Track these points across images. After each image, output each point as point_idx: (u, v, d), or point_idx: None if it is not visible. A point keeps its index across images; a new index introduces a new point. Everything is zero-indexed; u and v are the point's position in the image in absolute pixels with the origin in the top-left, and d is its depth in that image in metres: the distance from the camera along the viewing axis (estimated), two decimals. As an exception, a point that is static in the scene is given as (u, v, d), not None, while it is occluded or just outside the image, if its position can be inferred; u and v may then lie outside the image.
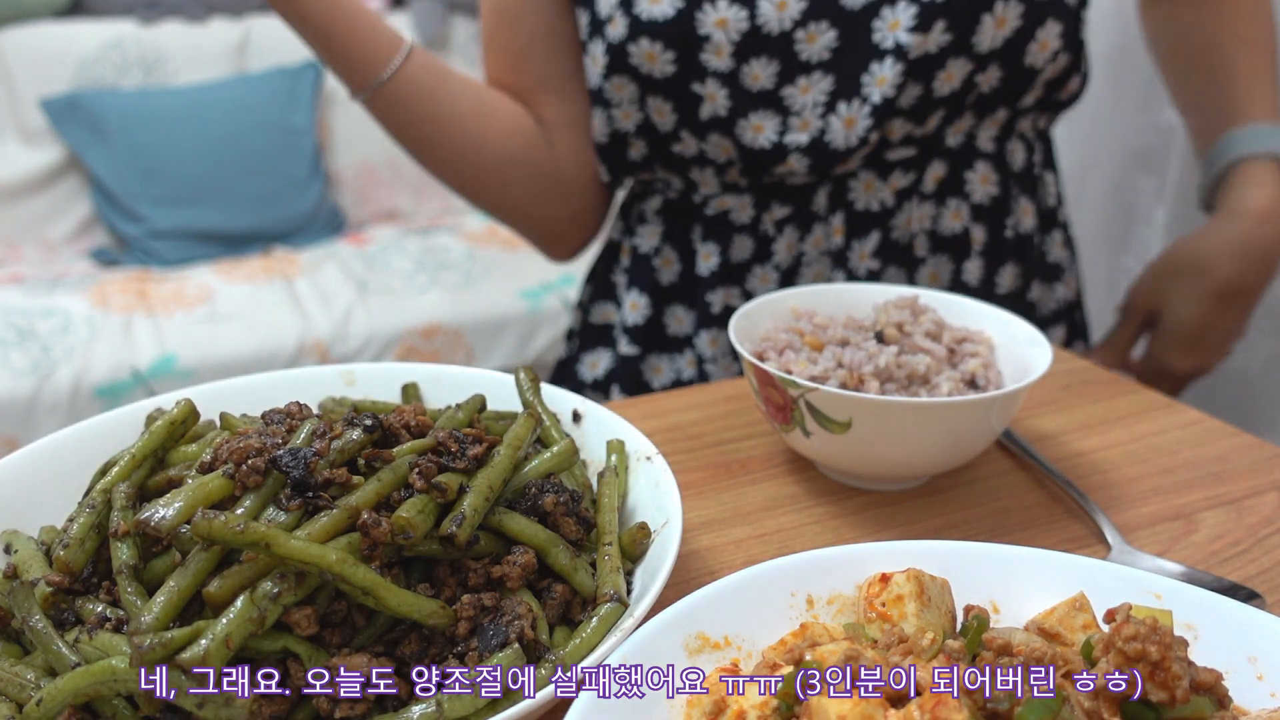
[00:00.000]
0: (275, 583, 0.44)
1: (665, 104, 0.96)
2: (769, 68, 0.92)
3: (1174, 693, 0.39)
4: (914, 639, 0.45)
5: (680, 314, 1.08)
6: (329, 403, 0.65)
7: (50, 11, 2.69)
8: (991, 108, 0.97)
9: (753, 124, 0.94)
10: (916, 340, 0.70)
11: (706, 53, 0.92)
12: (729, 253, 1.03)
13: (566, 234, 1.11)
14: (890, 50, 0.90)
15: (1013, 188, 1.03)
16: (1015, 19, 0.90)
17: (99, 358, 2.08)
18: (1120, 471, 0.72)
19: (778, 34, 0.91)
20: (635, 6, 0.92)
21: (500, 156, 1.01)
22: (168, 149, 2.57)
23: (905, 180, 0.99)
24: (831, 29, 0.90)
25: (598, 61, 0.97)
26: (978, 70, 0.92)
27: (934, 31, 0.88)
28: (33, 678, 0.46)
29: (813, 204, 0.99)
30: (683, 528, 0.53)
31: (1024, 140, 1.03)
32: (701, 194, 1.03)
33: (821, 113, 0.93)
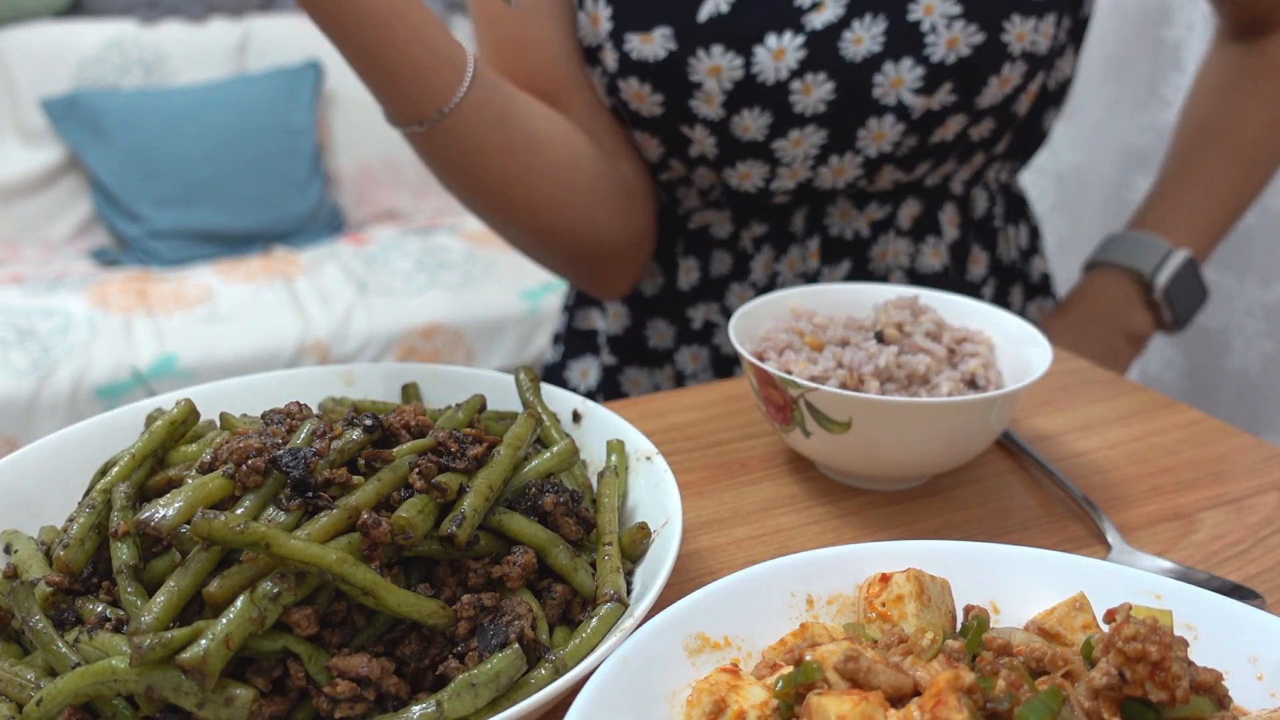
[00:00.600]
0: (275, 583, 0.44)
1: (652, 139, 0.94)
2: (761, 119, 0.89)
3: (1174, 693, 0.39)
4: (914, 639, 0.45)
5: (661, 327, 1.06)
6: (329, 403, 0.65)
7: (50, 11, 2.69)
8: (972, 154, 0.96)
9: (740, 171, 0.93)
10: (916, 340, 0.70)
11: (697, 99, 0.89)
12: (709, 268, 1.02)
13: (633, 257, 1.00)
14: (891, 107, 0.88)
15: (970, 234, 1.02)
16: (1018, 78, 0.89)
17: (99, 358, 2.08)
18: (1120, 471, 0.72)
19: (773, 84, 0.88)
20: (626, 43, 0.88)
21: (582, 183, 0.89)
22: (168, 149, 2.57)
23: (881, 213, 0.98)
24: (829, 81, 0.87)
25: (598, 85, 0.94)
26: (973, 123, 0.91)
27: (940, 92, 0.87)
28: (33, 678, 0.46)
29: (790, 225, 0.98)
30: (683, 528, 0.53)
31: (987, 189, 1.02)
32: (684, 207, 1.02)
33: (812, 165, 0.91)
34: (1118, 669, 0.40)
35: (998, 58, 0.86)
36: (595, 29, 0.90)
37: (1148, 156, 1.74)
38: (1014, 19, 0.86)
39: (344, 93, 2.81)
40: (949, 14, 0.85)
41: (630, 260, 1.00)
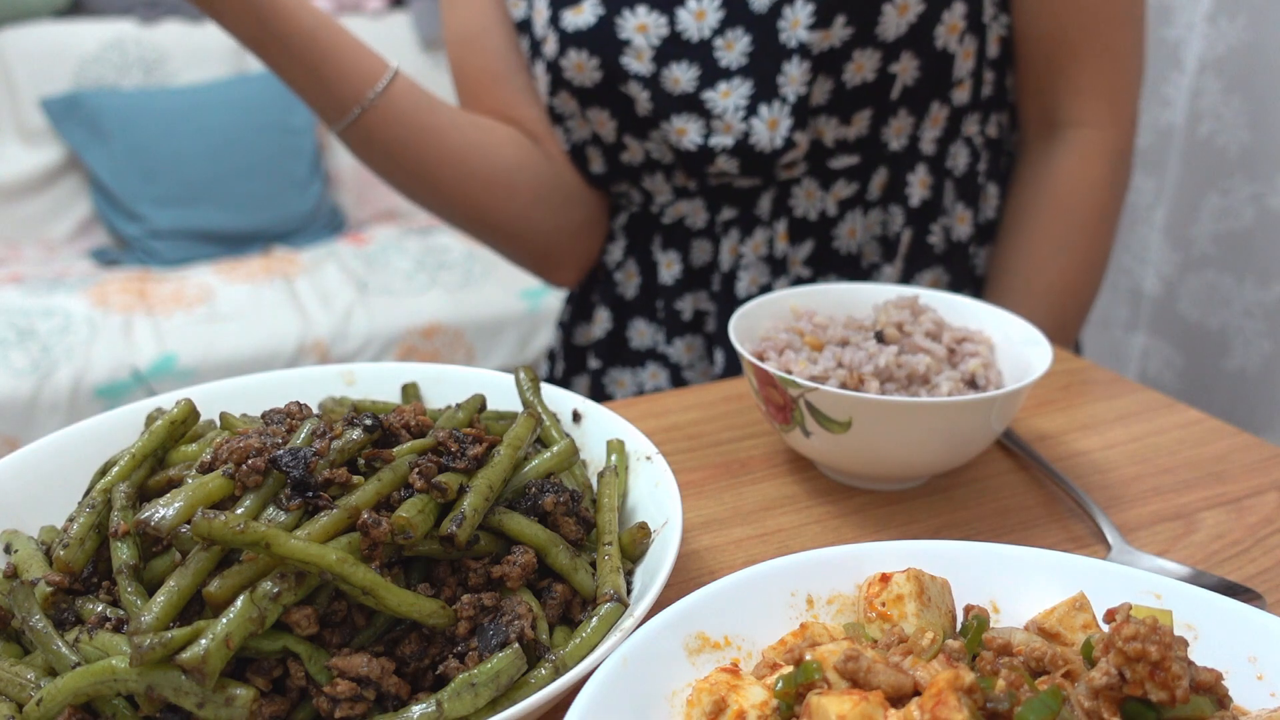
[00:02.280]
0: (275, 583, 0.44)
1: (602, 112, 0.97)
2: (689, 72, 0.92)
3: (1174, 692, 0.39)
4: (914, 639, 0.45)
5: (641, 327, 1.07)
6: (329, 403, 0.65)
7: (50, 11, 2.69)
8: (924, 104, 0.95)
9: (676, 126, 0.94)
10: (916, 340, 0.70)
11: (627, 56, 0.93)
12: (689, 258, 1.03)
13: (571, 249, 1.07)
14: (795, 49, 0.89)
15: (948, 191, 1.01)
16: (918, 3, 0.89)
17: (99, 358, 2.08)
18: (1120, 471, 0.72)
19: (697, 41, 0.91)
20: (561, 21, 0.94)
21: (506, 163, 0.99)
22: (168, 149, 2.57)
23: (849, 190, 0.98)
24: (746, 34, 0.91)
25: (542, 81, 0.98)
26: (889, 59, 0.91)
27: (835, 26, 0.88)
28: (33, 677, 0.46)
29: (756, 208, 0.99)
30: (683, 528, 0.53)
31: (969, 145, 1.02)
32: (658, 203, 1.03)
33: (743, 116, 0.92)
34: (1118, 669, 0.40)
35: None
36: (539, 20, 0.96)
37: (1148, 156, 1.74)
38: None
39: (344, 93, 2.81)
40: None
41: (571, 251, 1.07)
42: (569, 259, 1.08)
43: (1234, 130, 1.69)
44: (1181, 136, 1.68)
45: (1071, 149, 1.00)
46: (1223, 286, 1.77)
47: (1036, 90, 1.02)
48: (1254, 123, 1.67)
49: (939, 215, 1.01)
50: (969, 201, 1.03)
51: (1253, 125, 1.68)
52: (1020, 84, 1.03)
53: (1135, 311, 1.86)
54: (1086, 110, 1.00)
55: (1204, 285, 1.84)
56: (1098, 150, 1.00)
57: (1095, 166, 1.00)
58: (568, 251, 1.07)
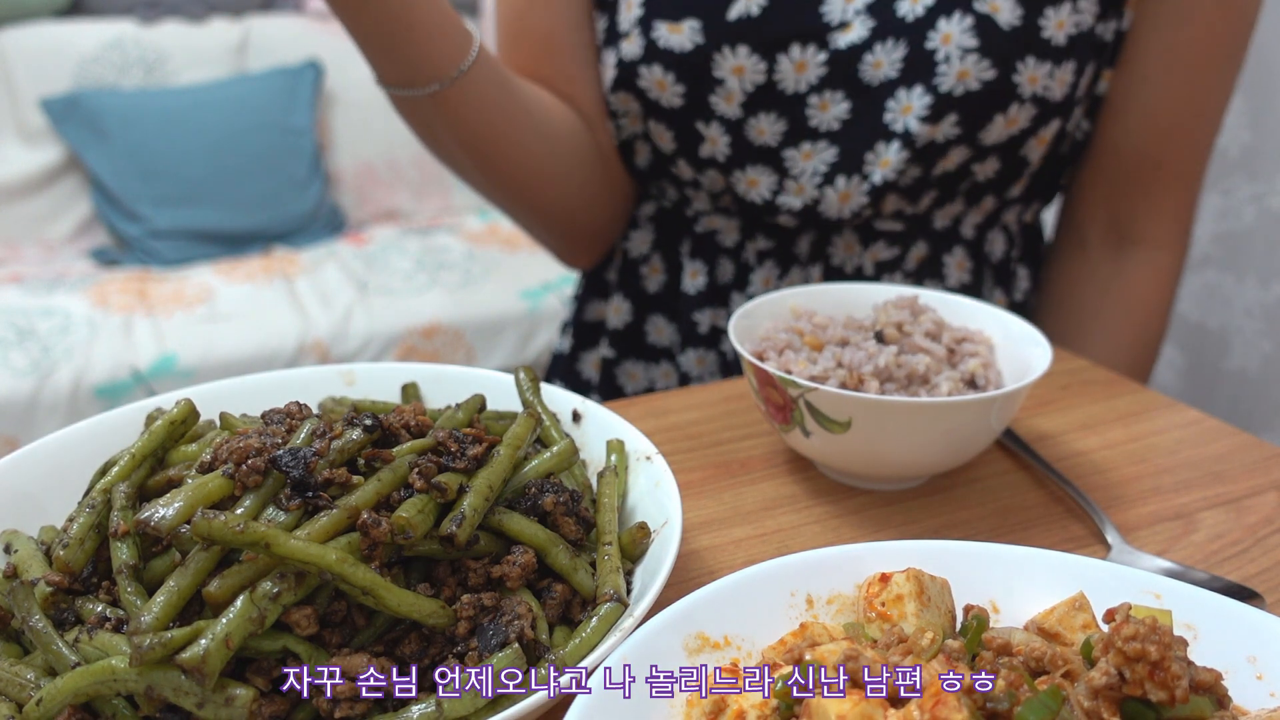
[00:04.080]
0: (275, 583, 0.44)
1: (667, 132, 0.94)
2: (776, 125, 0.91)
3: (1174, 692, 0.39)
4: (914, 639, 0.45)
5: (661, 324, 1.07)
6: (329, 403, 0.65)
7: (50, 11, 2.69)
8: (982, 196, 0.96)
9: (749, 176, 0.93)
10: (916, 340, 0.70)
11: (717, 96, 0.90)
12: (714, 273, 1.02)
13: (599, 236, 1.06)
14: (899, 134, 0.88)
15: (987, 278, 1.02)
16: (1026, 120, 0.89)
17: (99, 358, 2.08)
18: (1120, 471, 0.72)
19: (791, 94, 0.89)
20: (653, 30, 0.90)
21: (567, 159, 0.95)
22: (168, 149, 2.57)
23: (888, 254, 0.98)
24: (846, 101, 0.89)
25: (607, 71, 0.95)
26: (976, 159, 0.91)
27: (944, 124, 0.87)
28: (33, 677, 0.46)
29: (795, 246, 0.99)
30: (683, 528, 0.53)
31: (1006, 232, 1.02)
32: (694, 208, 1.02)
33: (819, 182, 0.91)
34: (1117, 669, 0.40)
35: (1006, 96, 0.87)
36: (627, 14, 0.92)
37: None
38: (1028, 61, 0.86)
39: (344, 93, 2.81)
40: (965, 46, 0.85)
41: (597, 236, 1.05)
42: (594, 245, 1.07)
43: (1234, 130, 1.69)
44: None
45: (1146, 271, 1.01)
46: (1223, 286, 1.77)
47: (1109, 199, 1.01)
48: (1254, 123, 1.67)
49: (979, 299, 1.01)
50: (1004, 287, 1.04)
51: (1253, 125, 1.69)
52: (1089, 191, 1.02)
53: (1135, 311, 1.86)
54: (1161, 232, 1.00)
55: (1204, 285, 1.84)
56: (1168, 273, 1.02)
57: (1166, 289, 1.02)
58: (595, 238, 1.06)
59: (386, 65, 0.81)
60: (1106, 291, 1.02)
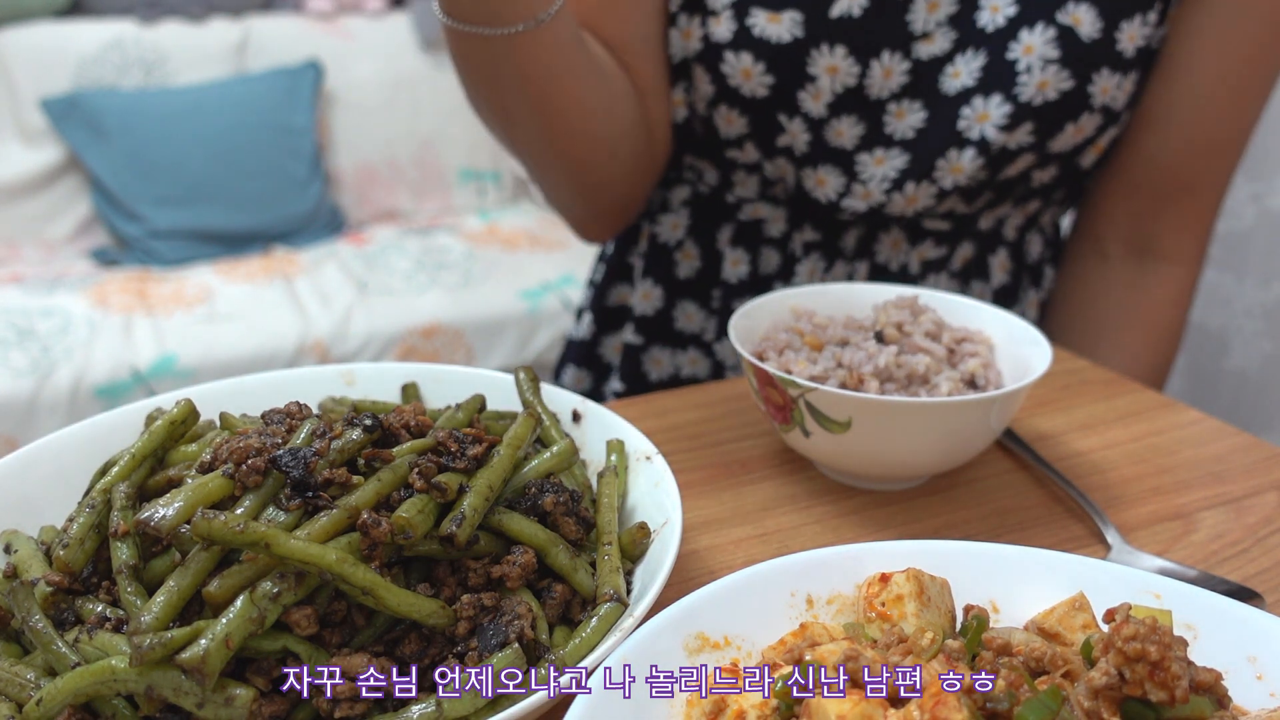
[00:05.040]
0: (275, 583, 0.44)
1: (740, 117, 0.92)
2: (855, 129, 0.90)
3: (1174, 692, 0.39)
4: (914, 639, 0.45)
5: (691, 310, 1.06)
6: (329, 403, 0.65)
7: (50, 11, 2.69)
8: (1030, 198, 0.97)
9: (819, 175, 0.93)
10: (916, 340, 0.70)
11: (806, 92, 0.89)
12: (758, 262, 1.02)
13: (623, 211, 1.02)
14: (974, 141, 0.88)
15: (1024, 278, 1.03)
16: (1092, 129, 0.90)
17: (99, 358, 2.08)
18: (1120, 471, 0.72)
19: (874, 100, 0.89)
20: (749, 16, 0.88)
21: (618, 129, 0.91)
22: (168, 149, 2.57)
23: (935, 253, 0.98)
24: (923, 110, 0.89)
25: (690, 37, 0.89)
26: (1038, 165, 0.92)
27: (1019, 131, 0.88)
28: (33, 677, 0.46)
29: (842, 240, 0.98)
30: (683, 528, 0.53)
31: (1042, 233, 1.03)
32: (736, 195, 1.00)
33: (887, 189, 0.92)
34: (1117, 669, 0.40)
35: (1080, 106, 0.87)
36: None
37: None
38: (1103, 72, 0.87)
39: (344, 93, 2.81)
40: (1047, 57, 0.86)
41: (622, 210, 1.01)
42: (617, 218, 1.03)
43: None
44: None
45: (1166, 286, 1.01)
46: (1222, 287, 1.77)
47: (1135, 211, 1.01)
48: (1254, 123, 1.67)
49: (1017, 301, 1.03)
50: (1036, 287, 1.05)
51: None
52: (1116, 199, 1.01)
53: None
54: (1183, 248, 1.00)
55: (1204, 285, 1.84)
56: (1187, 292, 1.02)
57: (1183, 307, 1.03)
58: (620, 211, 1.01)
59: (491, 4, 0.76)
60: (1124, 305, 1.03)
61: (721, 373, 1.06)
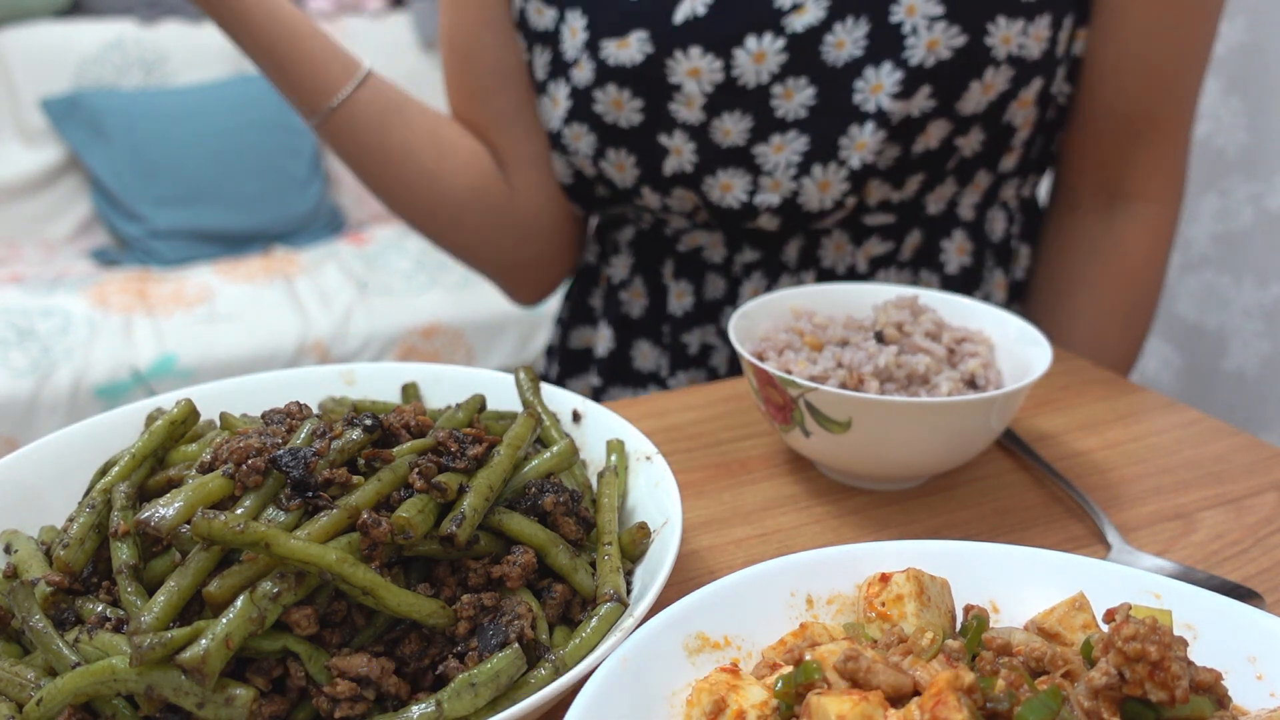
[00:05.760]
0: (275, 583, 0.44)
1: (628, 157, 0.92)
2: (741, 123, 0.88)
3: (1174, 692, 0.39)
4: (914, 639, 0.45)
5: (645, 349, 1.05)
6: (329, 403, 0.65)
7: (50, 11, 2.69)
8: (973, 172, 0.93)
9: (721, 181, 0.91)
10: (916, 340, 0.70)
11: (676, 103, 0.88)
12: (703, 291, 1.00)
13: (530, 277, 1.08)
14: (872, 114, 0.85)
15: (988, 259, 1.00)
16: (1004, 83, 0.86)
17: (99, 358, 2.08)
18: (1120, 471, 0.72)
19: (754, 87, 0.86)
20: (601, 50, 0.88)
21: (454, 195, 0.98)
22: (168, 149, 2.57)
23: (882, 248, 0.95)
24: (810, 86, 0.86)
25: (558, 104, 0.93)
26: (959, 132, 0.88)
27: (918, 97, 0.85)
28: (33, 677, 0.46)
29: (783, 254, 0.96)
30: (683, 528, 0.53)
31: (1005, 209, 1.00)
32: (672, 228, 1.00)
33: (794, 174, 0.89)
34: (1117, 669, 0.40)
35: (980, 61, 0.84)
36: (572, 40, 0.90)
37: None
38: (999, 21, 0.83)
39: (344, 93, 2.81)
40: (931, 15, 0.83)
41: (525, 279, 1.08)
42: (527, 285, 1.09)
43: (1233, 131, 1.69)
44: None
45: (1137, 224, 0.99)
46: (1221, 287, 1.77)
47: (1100, 161, 0.99)
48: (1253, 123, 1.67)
49: (980, 283, 1.00)
50: (1005, 267, 1.02)
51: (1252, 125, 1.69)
52: (1081, 152, 1.00)
53: (1135, 312, 1.85)
54: (1153, 186, 0.99)
55: (1203, 286, 1.84)
56: (1161, 227, 1.00)
57: (1159, 243, 1.01)
58: (524, 278, 1.08)
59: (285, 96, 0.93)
60: (1097, 250, 1.01)
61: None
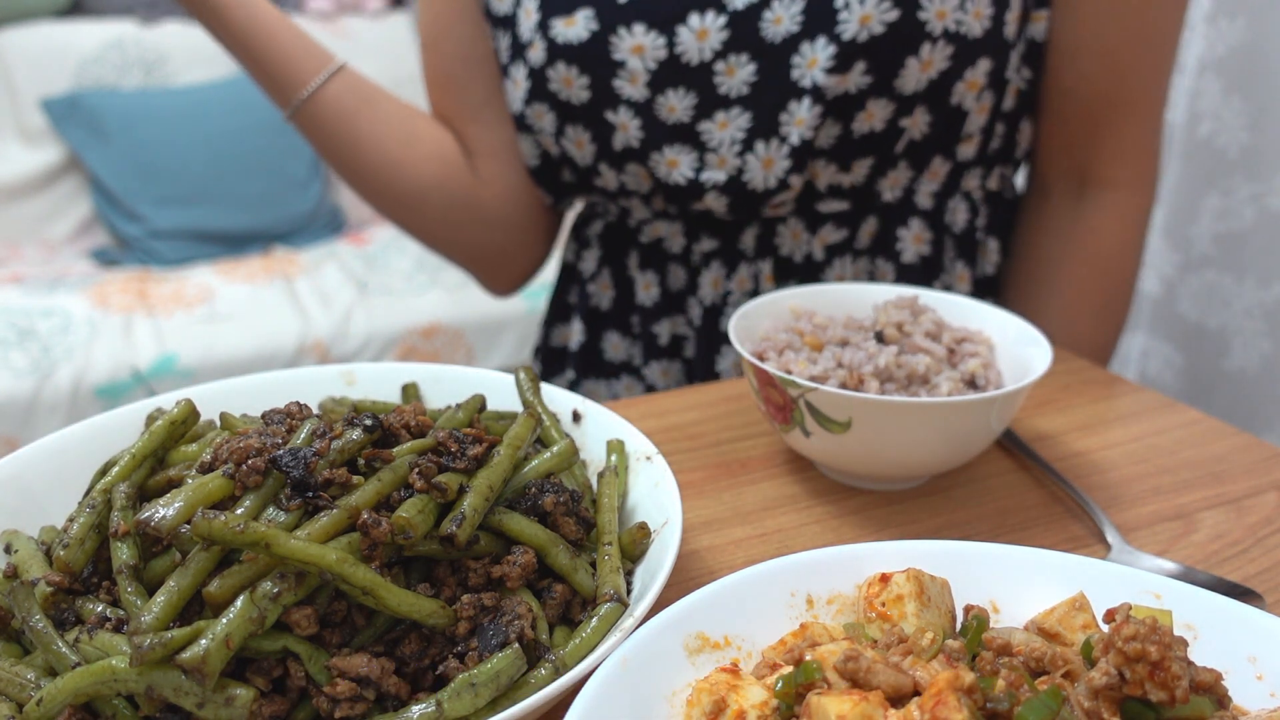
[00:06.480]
0: (275, 583, 0.44)
1: (584, 133, 0.93)
2: (685, 99, 0.88)
3: (1174, 692, 0.39)
4: (914, 639, 0.45)
5: (615, 340, 1.06)
6: (329, 403, 0.65)
7: (50, 11, 2.69)
8: (926, 158, 0.92)
9: (667, 158, 0.91)
10: (916, 340, 0.70)
11: (620, 79, 0.89)
12: (667, 282, 1.01)
13: (501, 267, 1.09)
14: (808, 90, 0.85)
15: (948, 249, 0.98)
16: (943, 60, 0.85)
17: (99, 358, 2.08)
18: (1120, 471, 0.72)
19: (697, 65, 0.87)
20: (551, 29, 0.90)
21: (416, 183, 1.00)
22: (168, 149, 2.57)
23: (837, 236, 0.95)
24: (751, 63, 0.86)
25: (519, 86, 0.94)
26: (902, 112, 0.87)
27: (853, 72, 0.84)
28: (33, 677, 0.46)
29: (739, 242, 0.96)
30: (683, 528, 0.53)
31: (968, 200, 0.98)
32: (635, 219, 1.01)
33: (739, 150, 0.89)
34: (1117, 669, 0.40)
35: (915, 37, 0.83)
36: (527, 21, 0.92)
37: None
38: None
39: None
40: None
41: (494, 267, 1.10)
42: (499, 274, 1.11)
43: (1234, 131, 1.69)
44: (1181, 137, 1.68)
45: (1108, 212, 0.99)
46: (1222, 287, 1.77)
47: (1067, 147, 0.98)
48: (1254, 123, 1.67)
49: (939, 273, 0.98)
50: (968, 259, 1.00)
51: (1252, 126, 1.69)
52: (1047, 139, 0.99)
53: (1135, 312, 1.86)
54: (1122, 171, 0.97)
55: (1204, 285, 1.84)
56: (1133, 214, 0.99)
57: (1131, 231, 0.99)
58: (495, 267, 1.10)
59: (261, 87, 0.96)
60: (1068, 239, 1.00)
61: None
